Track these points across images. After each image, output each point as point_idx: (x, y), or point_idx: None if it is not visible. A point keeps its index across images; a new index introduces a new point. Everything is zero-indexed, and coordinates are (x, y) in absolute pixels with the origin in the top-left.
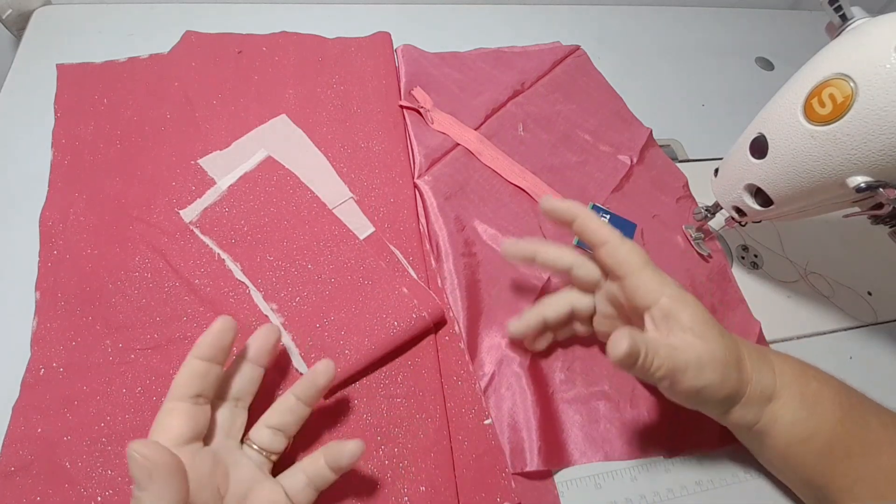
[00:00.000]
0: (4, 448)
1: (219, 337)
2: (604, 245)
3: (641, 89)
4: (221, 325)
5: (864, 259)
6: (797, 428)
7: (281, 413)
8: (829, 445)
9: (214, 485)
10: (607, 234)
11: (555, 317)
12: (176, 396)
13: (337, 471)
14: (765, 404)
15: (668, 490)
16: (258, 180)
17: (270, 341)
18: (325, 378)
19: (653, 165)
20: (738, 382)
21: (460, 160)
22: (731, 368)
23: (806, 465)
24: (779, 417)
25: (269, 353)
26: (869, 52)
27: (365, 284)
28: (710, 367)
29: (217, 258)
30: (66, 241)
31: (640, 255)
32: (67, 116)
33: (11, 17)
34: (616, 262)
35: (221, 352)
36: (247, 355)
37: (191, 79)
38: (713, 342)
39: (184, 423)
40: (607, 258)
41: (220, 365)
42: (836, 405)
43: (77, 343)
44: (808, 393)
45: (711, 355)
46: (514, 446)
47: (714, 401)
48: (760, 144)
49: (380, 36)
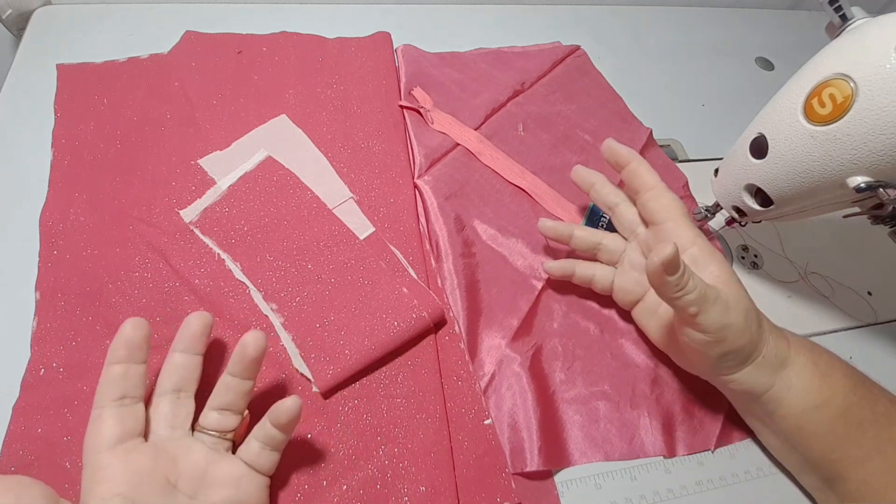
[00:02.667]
0: (4, 448)
1: (128, 338)
2: (650, 190)
3: (641, 89)
4: (129, 327)
5: (864, 259)
6: (811, 395)
7: (222, 393)
8: (843, 413)
9: (161, 476)
10: (655, 180)
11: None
12: (99, 404)
13: (282, 428)
14: (779, 369)
15: (668, 490)
16: (258, 180)
17: (199, 328)
18: (254, 349)
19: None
20: (757, 337)
21: (460, 160)
22: (753, 320)
23: (819, 433)
24: (792, 384)
25: (201, 339)
26: (869, 52)
27: (365, 284)
28: (736, 309)
29: (217, 258)
30: (66, 241)
31: (680, 205)
32: (67, 116)
33: (11, 17)
34: (660, 205)
35: (136, 350)
36: (178, 347)
37: (191, 79)
38: (738, 292)
39: (111, 425)
40: (651, 202)
41: (139, 363)
42: (846, 376)
43: (77, 343)
44: (821, 362)
45: (738, 299)
46: (514, 446)
47: (734, 347)
48: (760, 144)
49: (380, 36)
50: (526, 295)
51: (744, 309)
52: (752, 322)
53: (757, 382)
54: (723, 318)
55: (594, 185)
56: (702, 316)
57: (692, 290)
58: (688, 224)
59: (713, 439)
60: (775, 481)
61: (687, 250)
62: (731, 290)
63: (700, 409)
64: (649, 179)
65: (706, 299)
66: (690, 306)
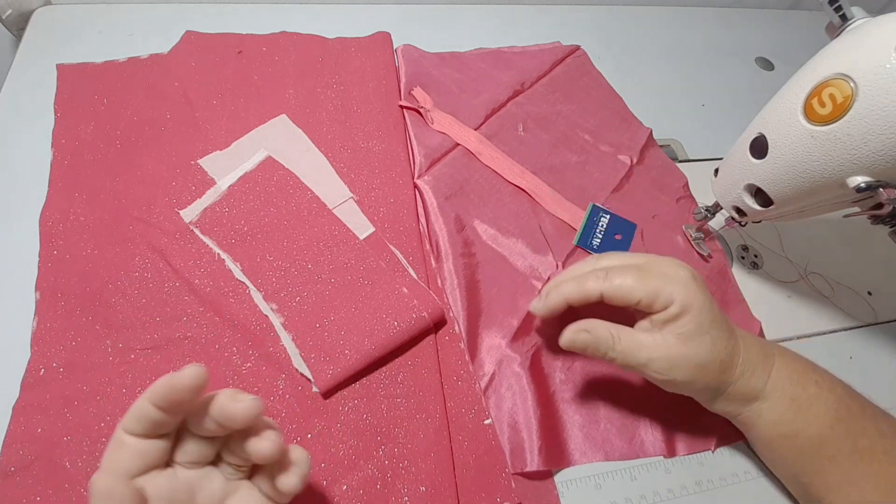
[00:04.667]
0: (4, 448)
1: (182, 387)
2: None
3: (641, 89)
4: (190, 376)
5: (864, 259)
6: (780, 426)
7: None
8: (815, 445)
9: None
10: (593, 286)
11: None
12: (126, 428)
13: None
14: (747, 403)
15: (668, 490)
16: (258, 180)
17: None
18: (252, 409)
19: (653, 165)
20: (717, 382)
21: (460, 160)
22: (710, 371)
23: (787, 459)
24: (763, 414)
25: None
26: (869, 52)
27: (365, 284)
28: (680, 367)
29: (217, 258)
30: (66, 241)
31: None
32: (67, 116)
33: (11, 17)
34: (617, 294)
35: (182, 403)
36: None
37: (191, 79)
38: (695, 348)
39: (132, 457)
40: (610, 296)
41: (180, 414)
42: (829, 411)
43: (77, 343)
44: (803, 397)
45: (685, 358)
46: (514, 446)
47: (689, 392)
48: (760, 144)
49: (380, 36)
50: (526, 295)
51: (693, 366)
52: (707, 374)
53: (724, 410)
54: (664, 376)
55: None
56: (644, 375)
57: (613, 360)
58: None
59: (713, 439)
60: (775, 481)
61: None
62: (683, 348)
63: (700, 410)
64: (592, 290)
65: (635, 364)
66: (626, 369)
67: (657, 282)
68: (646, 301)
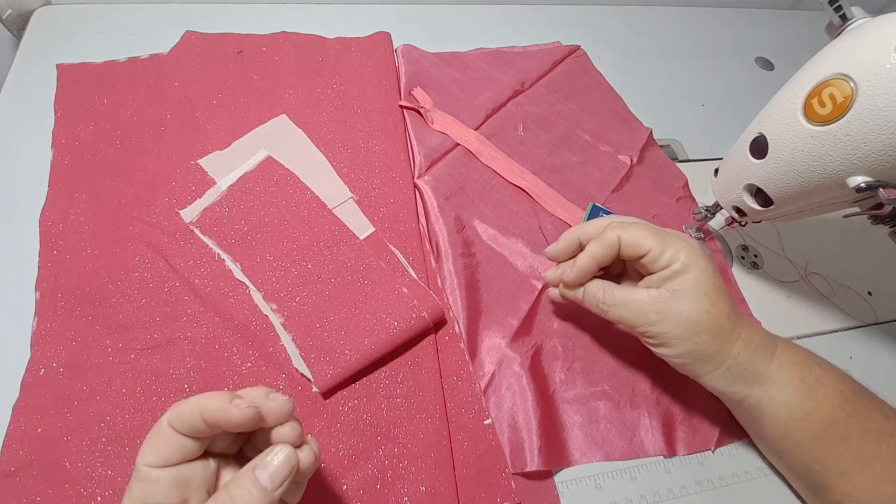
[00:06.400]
0: (4, 448)
1: (274, 413)
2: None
3: (641, 89)
4: (280, 408)
5: (864, 259)
6: (793, 408)
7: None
8: (827, 428)
9: (203, 492)
10: (597, 227)
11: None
12: (173, 423)
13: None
14: (753, 383)
15: (668, 490)
16: (258, 180)
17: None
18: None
19: (653, 165)
20: (713, 349)
21: (460, 160)
22: (704, 332)
23: (802, 443)
24: (774, 396)
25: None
26: (869, 52)
27: (365, 284)
28: (672, 319)
29: (217, 258)
30: (66, 241)
31: (646, 232)
32: (67, 116)
33: (11, 17)
34: (631, 240)
35: (257, 420)
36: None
37: (191, 79)
38: (689, 304)
39: (172, 451)
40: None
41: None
42: (836, 392)
43: (77, 343)
44: (809, 377)
45: (676, 311)
46: (514, 446)
47: (684, 358)
48: (760, 144)
49: (380, 36)
50: (526, 295)
51: (684, 318)
52: (700, 334)
53: (728, 389)
54: (654, 328)
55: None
56: (634, 329)
57: (606, 312)
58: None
59: (713, 439)
60: (775, 481)
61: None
62: (676, 302)
63: (700, 409)
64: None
65: (627, 318)
66: (618, 323)
67: (668, 238)
68: (654, 253)
